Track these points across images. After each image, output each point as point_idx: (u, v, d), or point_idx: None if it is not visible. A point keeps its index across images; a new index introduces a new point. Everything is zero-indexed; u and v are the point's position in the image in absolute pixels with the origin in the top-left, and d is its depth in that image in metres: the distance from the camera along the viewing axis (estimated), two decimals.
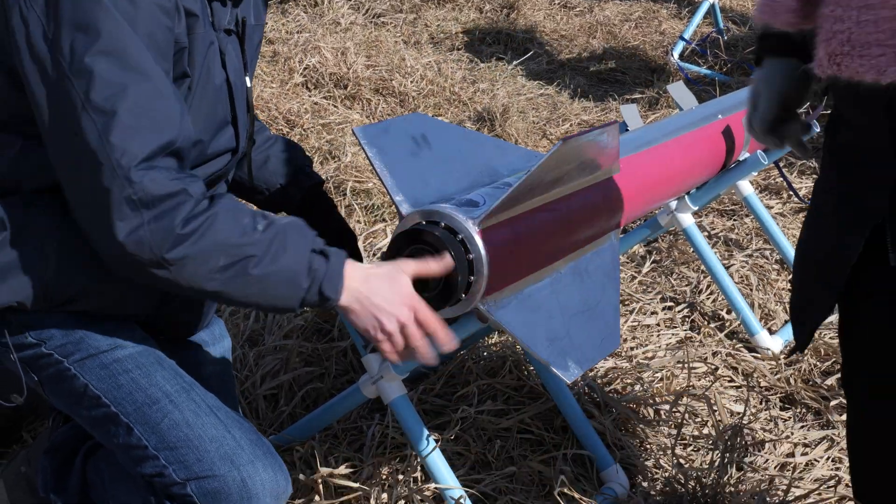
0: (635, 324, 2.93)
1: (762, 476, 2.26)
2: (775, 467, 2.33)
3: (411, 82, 4.78)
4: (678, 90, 3.14)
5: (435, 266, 1.74)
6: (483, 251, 1.79)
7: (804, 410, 2.65)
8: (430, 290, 1.79)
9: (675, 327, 2.96)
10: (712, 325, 2.96)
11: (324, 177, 3.70)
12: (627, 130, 2.97)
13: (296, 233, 1.66)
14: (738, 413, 2.57)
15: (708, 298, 3.09)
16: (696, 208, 2.97)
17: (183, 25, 1.66)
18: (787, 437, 2.47)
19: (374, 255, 3.16)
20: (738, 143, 2.85)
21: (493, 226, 1.84)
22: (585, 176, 2.10)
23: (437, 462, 2.05)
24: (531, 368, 2.59)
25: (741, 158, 2.90)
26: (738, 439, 2.32)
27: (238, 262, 1.60)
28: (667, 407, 2.53)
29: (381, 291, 1.70)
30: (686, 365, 2.66)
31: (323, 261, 1.66)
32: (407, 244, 1.81)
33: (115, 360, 1.80)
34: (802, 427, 2.57)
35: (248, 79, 1.89)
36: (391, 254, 1.83)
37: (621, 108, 2.94)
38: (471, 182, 2.12)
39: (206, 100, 1.76)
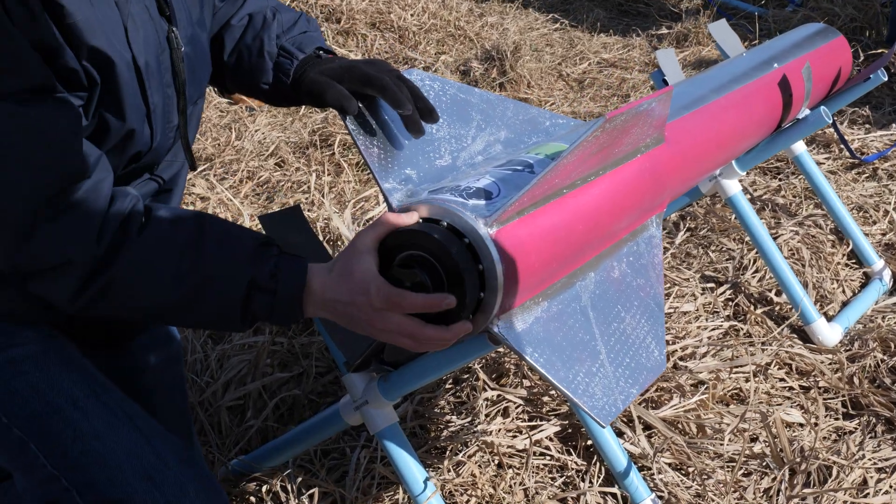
0: (671, 311, 2.49)
1: None
2: None
3: (412, 15, 4.29)
4: (720, 30, 2.67)
5: (415, 301, 1.34)
6: (498, 260, 1.35)
7: (873, 419, 2.22)
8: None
9: (717, 311, 2.52)
10: (759, 311, 2.52)
11: (310, 129, 3.25)
12: (665, 81, 2.51)
13: (227, 272, 1.35)
14: (796, 424, 2.15)
15: (753, 277, 2.65)
16: (743, 173, 2.52)
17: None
18: (859, 458, 2.04)
19: (364, 224, 2.71)
20: (796, 98, 2.39)
21: (511, 225, 1.40)
22: (626, 152, 1.66)
23: None
24: None
25: (800, 116, 2.44)
26: (803, 467, 1.91)
27: (155, 314, 1.41)
28: (711, 419, 2.11)
29: (339, 294, 1.35)
30: (732, 370, 2.23)
31: (266, 298, 1.35)
32: (398, 250, 1.37)
33: (10, 360, 1.46)
34: (872, 438, 2.14)
35: (176, 32, 1.47)
36: (378, 261, 1.39)
37: (657, 54, 2.48)
38: (481, 159, 1.68)
39: (125, 87, 1.40)
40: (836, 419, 2.21)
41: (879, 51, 4.07)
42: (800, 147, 2.77)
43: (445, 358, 1.59)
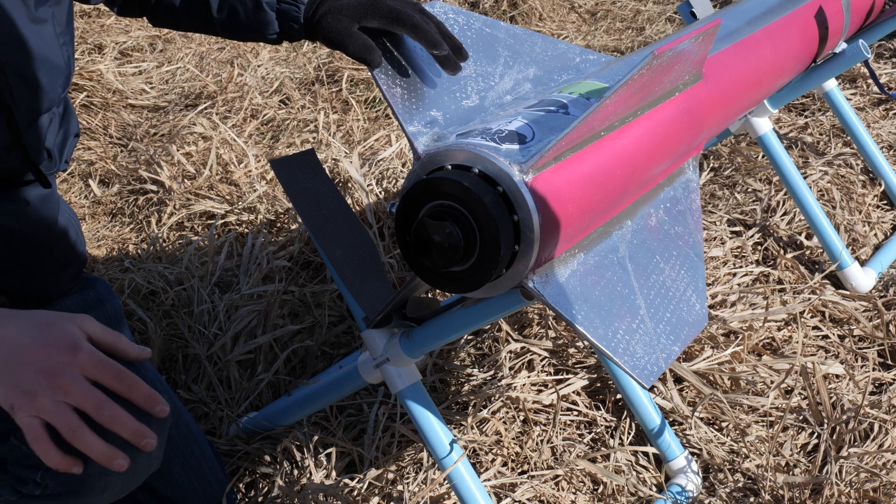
0: None
1: (873, 475, 1.75)
2: (891, 464, 1.81)
3: None
4: None
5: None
6: (534, 210, 1.24)
7: None
8: (458, 262, 1.25)
9: (746, 256, 2.41)
10: (790, 256, 2.41)
11: (315, 64, 3.11)
12: (692, 14, 2.39)
13: None
14: (834, 376, 2.05)
15: (782, 220, 2.54)
16: (774, 111, 2.40)
17: None
18: None
19: (375, 165, 2.59)
20: (833, 31, 2.26)
21: (548, 171, 1.28)
22: (665, 90, 1.55)
23: (465, 477, 1.53)
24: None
25: (837, 50, 2.31)
26: (849, 426, 1.81)
27: None
28: (746, 371, 2.01)
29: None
30: (767, 321, 2.13)
31: None
32: (424, 199, 1.26)
33: None
34: None
35: None
36: (402, 215, 1.28)
37: None
38: (510, 98, 1.56)
39: None
40: (874, 369, 2.11)
41: None
42: (830, 83, 2.64)
43: (474, 313, 1.48)
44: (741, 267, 2.35)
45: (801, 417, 1.94)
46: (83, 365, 1.11)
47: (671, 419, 1.92)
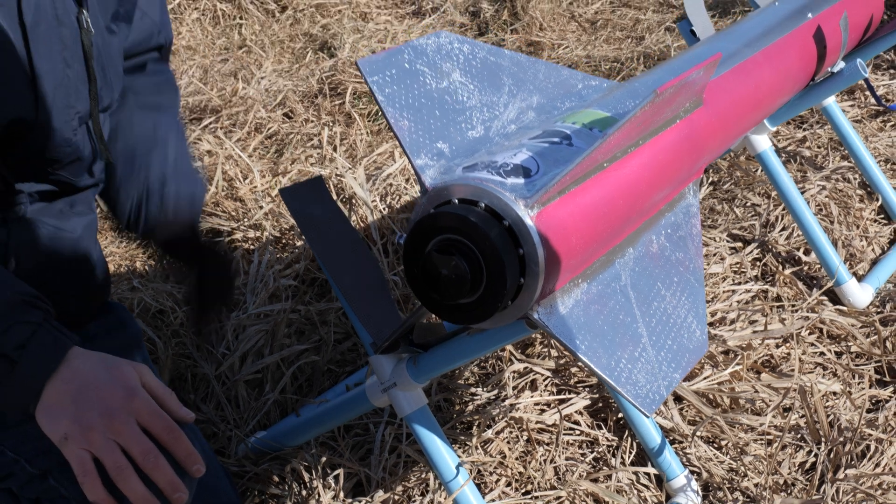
0: None
1: (869, 496, 1.78)
2: (886, 485, 1.84)
3: None
4: None
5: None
6: (539, 244, 1.27)
7: None
8: (465, 295, 1.28)
9: (745, 272, 2.44)
10: (788, 271, 2.44)
11: (318, 76, 3.13)
12: (692, 32, 2.41)
13: None
14: (832, 394, 2.08)
15: (781, 235, 2.57)
16: (773, 129, 2.43)
17: None
18: None
19: (379, 181, 2.61)
20: (831, 50, 2.28)
21: (552, 205, 1.31)
22: (666, 119, 1.58)
23: (471, 501, 1.56)
24: None
25: (835, 69, 2.34)
26: (846, 448, 1.84)
27: None
28: (745, 390, 2.04)
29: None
30: (766, 339, 2.15)
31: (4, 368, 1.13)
32: (431, 233, 1.29)
33: None
34: None
35: (86, 16, 1.35)
36: (410, 248, 1.31)
37: (686, 2, 2.36)
38: (514, 128, 1.59)
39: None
40: (871, 386, 2.14)
41: None
42: (828, 98, 2.67)
43: (480, 341, 1.51)
44: (740, 283, 2.38)
45: (799, 436, 1.97)
46: (139, 410, 1.14)
47: (671, 438, 1.95)
